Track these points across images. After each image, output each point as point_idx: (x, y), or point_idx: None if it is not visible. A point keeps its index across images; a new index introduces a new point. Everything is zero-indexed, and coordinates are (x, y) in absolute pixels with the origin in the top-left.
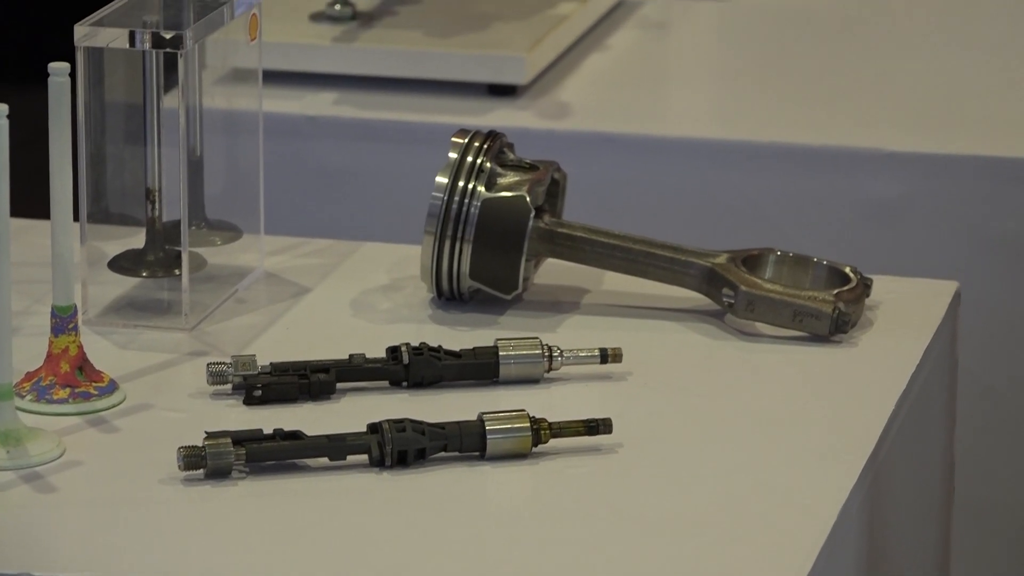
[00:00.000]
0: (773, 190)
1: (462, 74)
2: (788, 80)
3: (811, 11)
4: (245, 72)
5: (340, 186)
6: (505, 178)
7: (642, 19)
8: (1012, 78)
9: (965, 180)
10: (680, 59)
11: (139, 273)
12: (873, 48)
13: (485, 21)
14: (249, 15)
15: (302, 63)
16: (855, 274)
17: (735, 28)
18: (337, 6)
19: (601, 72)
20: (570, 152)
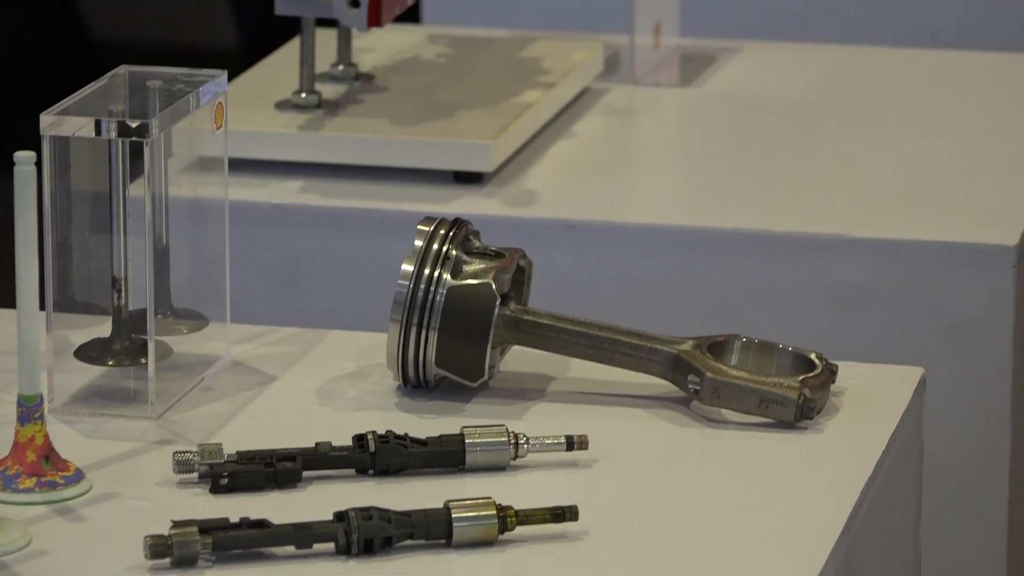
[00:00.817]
0: (738, 277)
1: (428, 162)
2: (752, 167)
3: (776, 98)
4: (211, 160)
5: (306, 274)
6: (471, 266)
7: (607, 106)
8: (976, 164)
9: (930, 266)
10: (645, 146)
11: (105, 362)
12: (838, 134)
13: (451, 109)
14: (215, 104)
15: (268, 151)
16: (820, 360)
17: (700, 115)
18: (303, 94)
19: (567, 159)
20: (536, 239)
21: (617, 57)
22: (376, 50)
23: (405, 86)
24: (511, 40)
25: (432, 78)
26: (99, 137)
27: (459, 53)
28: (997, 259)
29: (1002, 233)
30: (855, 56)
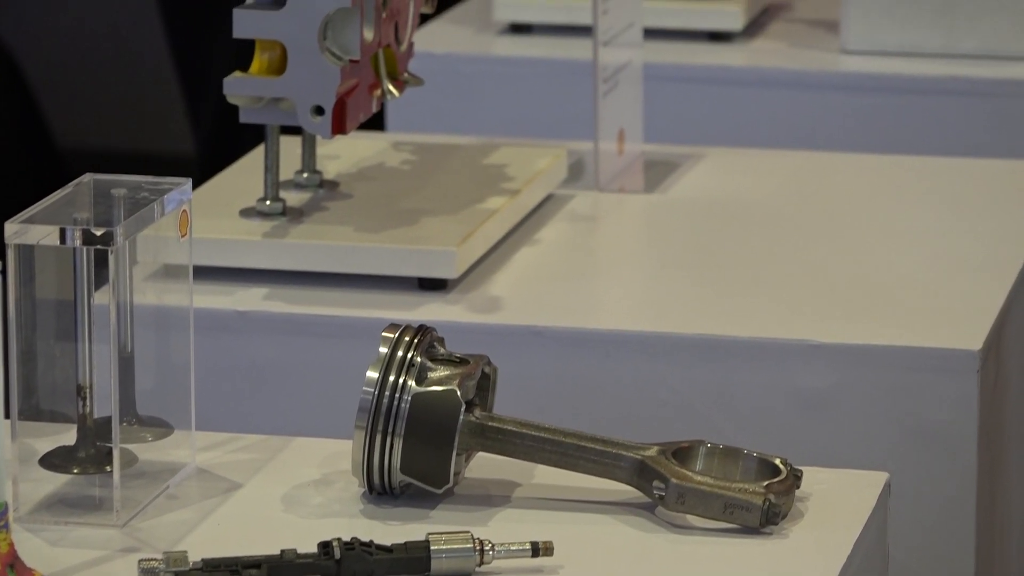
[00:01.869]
0: (703, 382)
1: (392, 269)
2: (717, 272)
3: (740, 203)
4: (176, 268)
5: (271, 381)
6: (436, 372)
7: (572, 212)
8: (938, 268)
9: (894, 371)
10: (609, 252)
11: (70, 470)
12: (801, 239)
13: (415, 216)
14: (179, 212)
15: (233, 259)
16: (785, 466)
17: (664, 221)
18: (267, 202)
19: (531, 265)
20: (501, 346)
21: (581, 163)
22: (340, 157)
23: (369, 193)
24: (475, 147)
25: (396, 185)
26: (64, 245)
27: (423, 160)
28: (961, 364)
29: (966, 338)
30: (818, 162)
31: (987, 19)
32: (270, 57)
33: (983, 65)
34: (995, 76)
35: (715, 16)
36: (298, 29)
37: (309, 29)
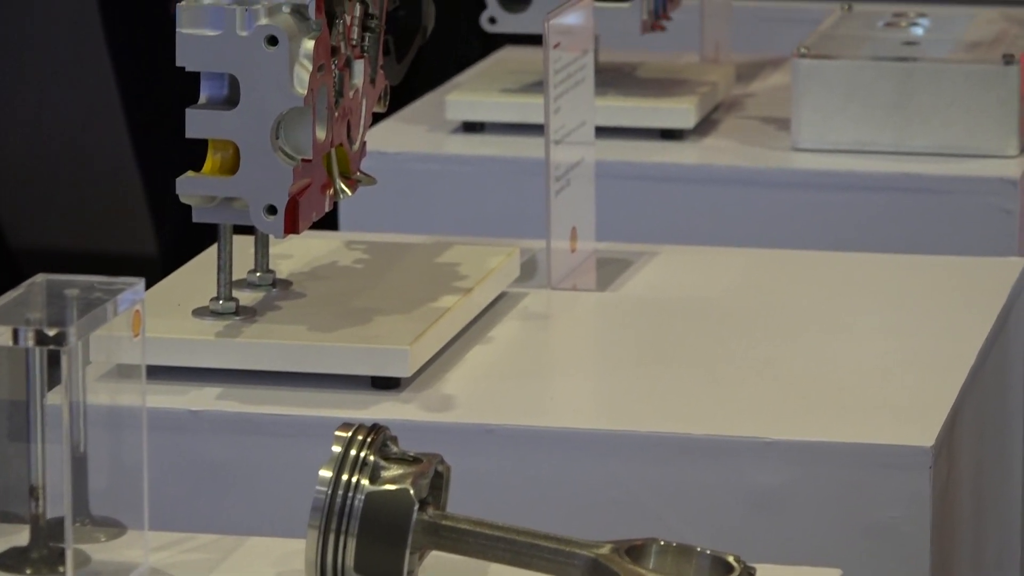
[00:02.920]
0: (655, 480)
1: (345, 368)
2: (669, 370)
3: (692, 301)
4: (129, 368)
5: (224, 481)
6: (389, 471)
7: (524, 311)
8: (889, 365)
9: (846, 467)
10: (562, 350)
11: (23, 571)
12: (753, 337)
13: (368, 315)
14: (132, 311)
15: (186, 358)
16: (738, 563)
17: (617, 319)
18: (220, 301)
19: (484, 364)
20: (454, 444)
21: (534, 262)
22: (293, 256)
23: (322, 292)
24: (428, 246)
25: (349, 284)
26: (17, 346)
27: (376, 259)
28: (913, 460)
29: (918, 435)
30: (770, 259)
31: (939, 116)
32: (223, 156)
33: (935, 162)
34: (947, 173)
35: (667, 114)
36: (251, 129)
37: (262, 129)
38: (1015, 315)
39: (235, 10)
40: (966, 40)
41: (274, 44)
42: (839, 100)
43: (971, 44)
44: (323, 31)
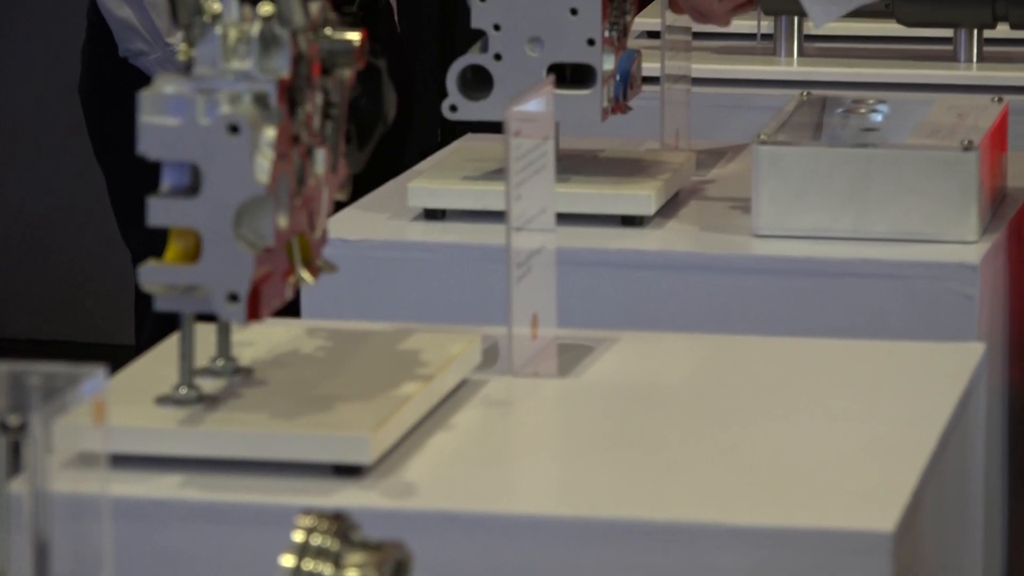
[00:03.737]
0: (618, 565)
1: (307, 455)
2: (631, 455)
3: (653, 387)
4: (91, 456)
5: (187, 569)
6: (351, 559)
7: (485, 398)
8: (850, 450)
9: (807, 552)
10: (524, 437)
11: None
12: (714, 422)
13: (330, 402)
14: (94, 400)
15: (148, 446)
16: None
17: (578, 405)
18: (182, 389)
19: (446, 451)
20: (417, 531)
21: (495, 348)
22: (255, 344)
23: (284, 379)
24: (389, 333)
25: (311, 371)
26: None
27: (338, 346)
28: (874, 546)
29: (878, 520)
30: (731, 345)
31: (899, 202)
32: (185, 245)
33: (895, 248)
34: (907, 259)
35: (627, 201)
36: (212, 217)
37: (223, 217)
38: (975, 400)
39: (196, 99)
40: (925, 126)
41: (236, 132)
42: (799, 186)
43: (930, 130)
44: (285, 119)
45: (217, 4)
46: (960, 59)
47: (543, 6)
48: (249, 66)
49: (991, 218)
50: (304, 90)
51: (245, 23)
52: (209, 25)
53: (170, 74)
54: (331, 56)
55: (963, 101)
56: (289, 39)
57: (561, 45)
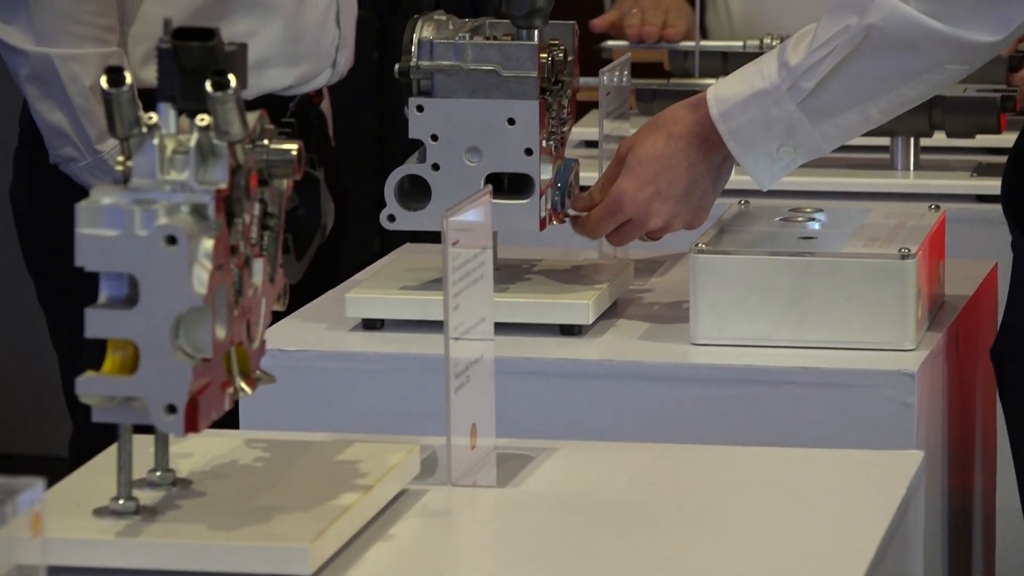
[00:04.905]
0: None
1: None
2: (570, 566)
3: (593, 497)
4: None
5: None
6: None
7: (424, 508)
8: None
9: None
10: (463, 547)
11: None
12: (652, 532)
13: (268, 513)
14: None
15: (86, 558)
16: None
17: (517, 515)
18: (120, 501)
19: (385, 562)
20: None
21: (434, 458)
22: (194, 455)
23: (223, 491)
24: (328, 443)
25: (250, 482)
26: None
27: (277, 457)
28: None
29: None
30: (669, 454)
31: (837, 311)
32: (123, 356)
33: (833, 356)
34: (845, 367)
35: (565, 310)
36: (150, 328)
37: (161, 328)
38: (914, 509)
39: (134, 210)
40: (862, 234)
41: (173, 244)
42: (737, 295)
43: (867, 238)
44: (222, 230)
45: (154, 115)
46: (897, 167)
47: (481, 116)
48: (187, 177)
49: (929, 325)
50: (242, 201)
51: (182, 134)
52: (146, 136)
53: (107, 185)
54: (269, 167)
55: (900, 209)
56: (227, 150)
57: (499, 155)
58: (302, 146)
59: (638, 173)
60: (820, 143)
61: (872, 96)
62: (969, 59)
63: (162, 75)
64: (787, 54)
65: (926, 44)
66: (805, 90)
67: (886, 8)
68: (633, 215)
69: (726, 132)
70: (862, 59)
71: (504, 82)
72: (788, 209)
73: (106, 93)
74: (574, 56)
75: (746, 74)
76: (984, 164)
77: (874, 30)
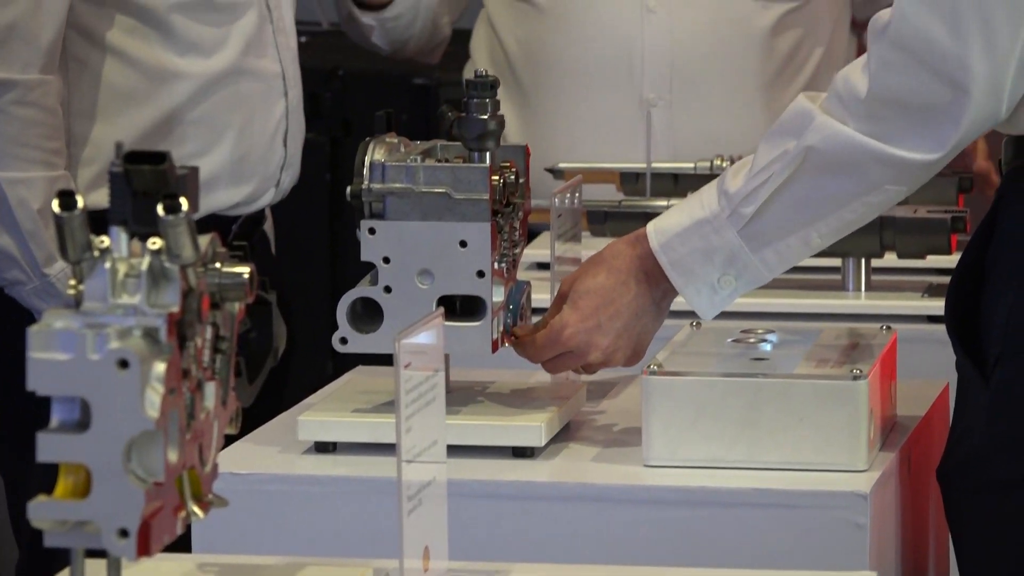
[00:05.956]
0: None
1: None
2: None
3: None
4: None
5: None
6: None
7: None
8: None
9: None
10: None
11: None
12: None
13: None
14: None
15: None
16: None
17: None
18: None
19: None
20: None
21: None
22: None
23: None
24: (281, 567)
25: None
26: None
27: None
28: None
29: None
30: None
31: (789, 432)
32: (75, 480)
33: (786, 478)
34: (798, 488)
35: (517, 432)
36: (102, 452)
37: (113, 452)
38: None
39: (86, 334)
40: (814, 355)
41: (125, 367)
42: (690, 416)
43: (819, 360)
44: (174, 354)
45: (106, 239)
46: (848, 288)
47: (433, 238)
48: (139, 301)
49: (881, 446)
50: (194, 324)
51: (134, 257)
52: (98, 259)
53: (59, 309)
54: (221, 290)
55: (852, 330)
56: (179, 273)
57: (451, 277)
58: (254, 269)
59: (580, 306)
60: (761, 271)
61: (812, 220)
62: (908, 179)
63: (114, 198)
64: (726, 182)
65: (866, 164)
66: (745, 216)
67: (825, 129)
68: (574, 347)
69: (667, 263)
70: (801, 182)
71: (456, 204)
72: (740, 330)
73: (58, 217)
74: (526, 178)
75: (686, 206)
76: (935, 285)
77: (813, 152)
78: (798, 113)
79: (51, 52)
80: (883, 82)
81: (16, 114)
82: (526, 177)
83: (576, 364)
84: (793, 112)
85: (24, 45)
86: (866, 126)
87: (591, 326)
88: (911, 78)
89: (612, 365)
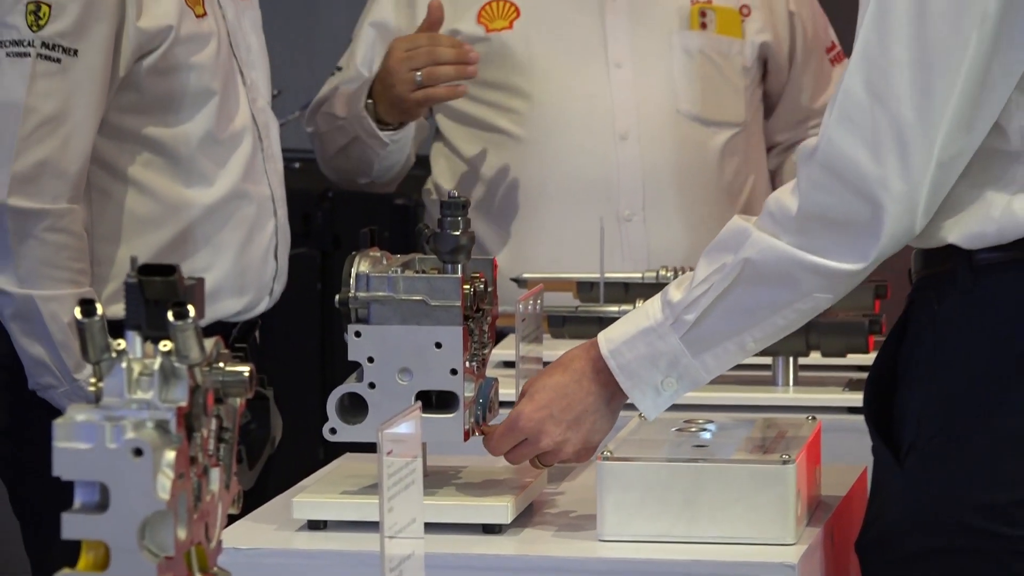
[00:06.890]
0: None
1: None
2: None
3: None
4: None
5: None
6: None
7: None
8: None
9: None
10: None
11: None
12: None
13: None
14: None
15: None
16: None
17: None
18: None
19: None
20: None
21: None
22: None
23: None
24: None
25: None
26: None
27: None
28: None
29: None
30: None
31: (726, 510)
32: (95, 555)
33: (723, 551)
34: (733, 559)
35: (487, 511)
36: (119, 530)
37: (129, 530)
38: None
39: (105, 425)
40: (748, 443)
41: (139, 455)
42: (639, 496)
43: (753, 447)
44: (183, 443)
45: (122, 341)
46: (778, 383)
47: (411, 340)
48: (151, 396)
49: (808, 522)
50: (200, 417)
51: (147, 358)
52: (115, 360)
53: (81, 404)
54: (224, 387)
55: (781, 420)
56: (186, 372)
57: (427, 375)
58: (254, 368)
59: (535, 398)
60: (701, 373)
61: (748, 326)
62: (835, 287)
63: (129, 306)
64: (669, 294)
65: (797, 274)
66: (687, 323)
67: (761, 243)
68: (528, 434)
69: (615, 367)
70: (739, 292)
71: (432, 311)
72: (683, 420)
73: (79, 323)
74: (493, 287)
75: (632, 317)
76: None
77: (750, 264)
78: (735, 231)
79: (77, 184)
80: (812, 200)
81: (48, 240)
82: (494, 286)
83: (531, 452)
84: (730, 231)
85: (55, 179)
86: (797, 239)
87: (544, 416)
88: (836, 196)
89: (564, 457)
